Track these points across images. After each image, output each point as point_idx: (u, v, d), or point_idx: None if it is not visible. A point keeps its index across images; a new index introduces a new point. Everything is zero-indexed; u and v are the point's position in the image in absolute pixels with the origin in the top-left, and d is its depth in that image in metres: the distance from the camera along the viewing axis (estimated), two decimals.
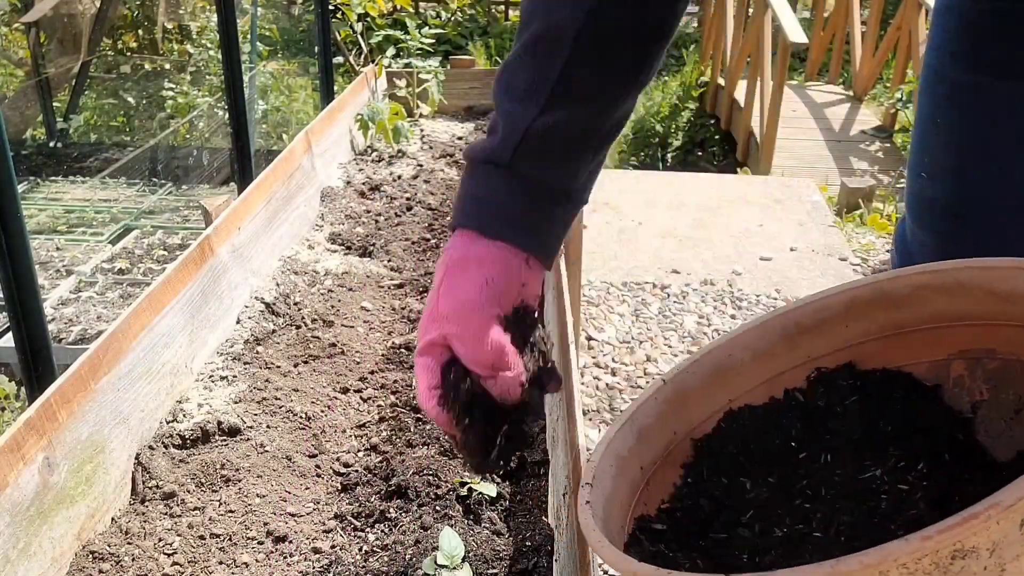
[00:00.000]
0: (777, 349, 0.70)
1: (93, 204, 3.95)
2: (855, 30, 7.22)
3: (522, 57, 0.81)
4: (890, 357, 0.69)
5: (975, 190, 0.91)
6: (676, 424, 0.69)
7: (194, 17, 6.14)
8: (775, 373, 0.70)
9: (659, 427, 0.68)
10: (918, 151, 0.98)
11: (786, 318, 0.70)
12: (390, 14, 6.27)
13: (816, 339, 0.68)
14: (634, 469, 0.66)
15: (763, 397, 0.70)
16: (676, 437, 0.69)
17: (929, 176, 0.95)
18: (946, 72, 0.92)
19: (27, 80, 5.47)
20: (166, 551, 1.19)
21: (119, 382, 1.32)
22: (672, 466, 0.68)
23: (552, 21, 0.78)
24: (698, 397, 0.70)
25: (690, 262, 3.54)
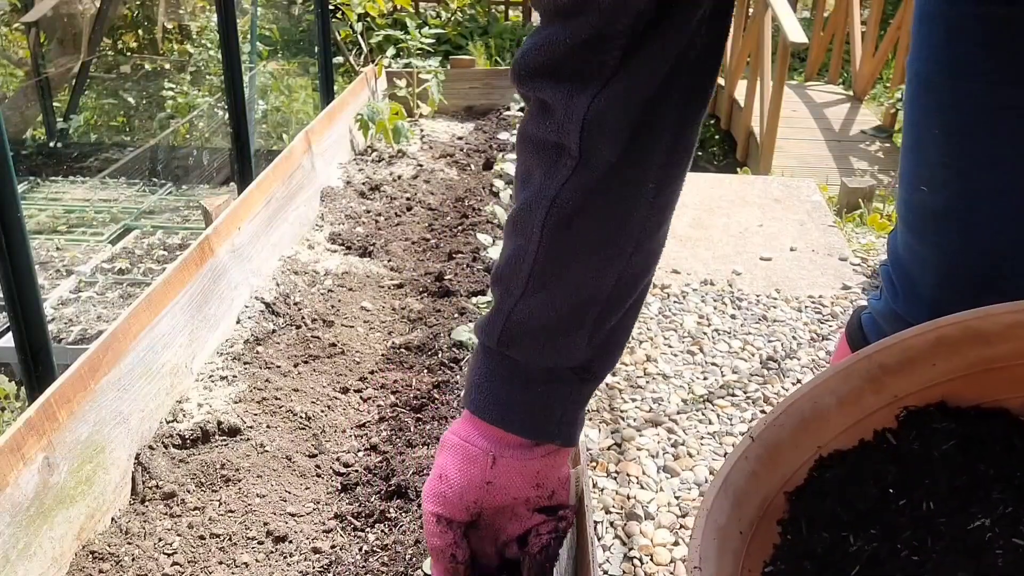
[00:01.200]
0: (862, 392, 0.69)
1: (93, 204, 3.95)
2: (855, 30, 7.22)
3: (506, 236, 0.82)
4: (982, 393, 0.68)
5: (982, 201, 0.89)
6: (769, 481, 0.68)
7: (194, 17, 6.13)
8: (863, 415, 0.69)
9: (753, 487, 0.67)
10: (913, 163, 0.95)
11: (870, 361, 0.69)
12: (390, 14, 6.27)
13: (902, 379, 0.67)
14: (735, 537, 0.65)
15: (852, 441, 0.69)
16: (770, 494, 0.68)
17: (930, 189, 0.92)
18: (936, 81, 0.90)
19: (27, 80, 5.47)
20: (166, 551, 1.19)
21: (119, 382, 1.32)
22: (769, 523, 0.67)
23: (526, 199, 0.78)
24: (787, 449, 0.69)
25: (690, 262, 3.54)
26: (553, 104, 0.75)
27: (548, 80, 0.75)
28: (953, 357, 0.68)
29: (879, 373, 0.69)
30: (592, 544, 0.93)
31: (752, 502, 0.66)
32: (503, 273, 0.82)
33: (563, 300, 0.80)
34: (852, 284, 3.31)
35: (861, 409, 0.69)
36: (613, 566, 1.72)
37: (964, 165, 0.89)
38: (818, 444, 0.69)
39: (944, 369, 0.68)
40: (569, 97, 0.74)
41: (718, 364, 2.72)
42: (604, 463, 2.13)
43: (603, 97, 0.73)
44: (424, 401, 1.55)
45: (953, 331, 0.67)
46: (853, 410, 0.69)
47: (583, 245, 0.78)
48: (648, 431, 2.31)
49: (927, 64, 0.91)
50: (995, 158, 0.87)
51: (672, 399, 2.50)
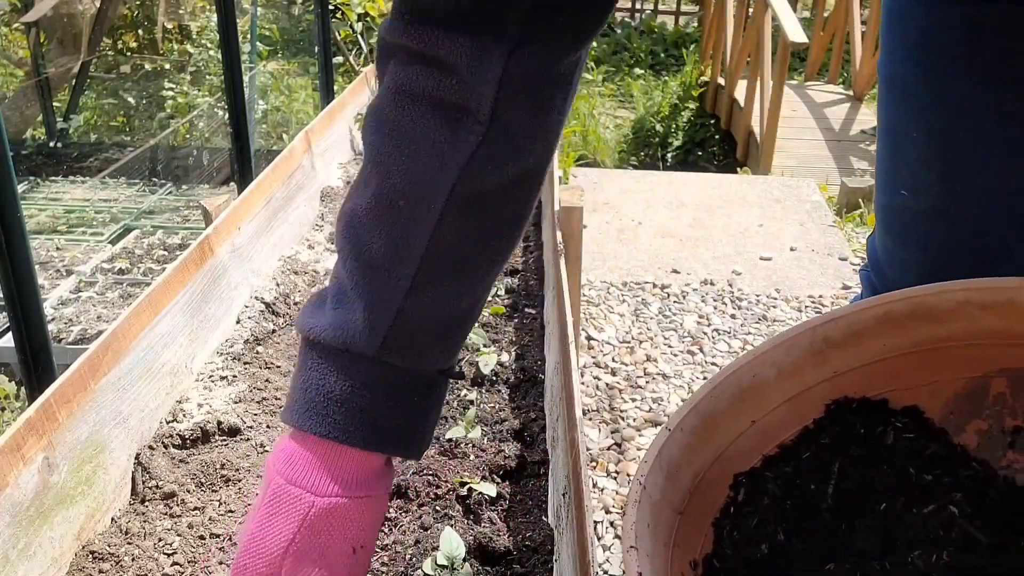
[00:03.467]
0: (804, 365, 0.67)
1: (93, 204, 3.95)
2: (855, 30, 7.22)
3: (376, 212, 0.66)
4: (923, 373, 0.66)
5: (966, 202, 0.87)
6: (703, 453, 0.65)
7: (194, 17, 6.13)
8: (802, 389, 0.67)
9: (686, 459, 0.64)
10: (892, 166, 0.94)
11: (814, 333, 0.67)
12: None
13: (845, 354, 0.65)
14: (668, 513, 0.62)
15: (788, 415, 0.68)
16: (704, 467, 0.65)
17: (912, 192, 0.91)
18: (913, 83, 0.89)
19: (27, 80, 5.47)
20: (166, 551, 1.19)
21: (119, 382, 1.32)
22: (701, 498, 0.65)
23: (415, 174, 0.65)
24: (723, 421, 0.66)
25: (690, 262, 3.54)
26: (454, 60, 0.62)
27: (449, 30, 0.62)
28: (899, 334, 0.66)
29: (823, 346, 0.66)
30: (592, 544, 0.93)
31: (685, 475, 0.64)
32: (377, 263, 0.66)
33: (466, 292, 0.69)
34: (852, 284, 3.31)
35: (800, 383, 0.67)
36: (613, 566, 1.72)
37: (947, 167, 0.88)
38: (754, 417, 0.67)
39: (889, 346, 0.66)
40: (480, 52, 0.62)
41: (718, 364, 2.72)
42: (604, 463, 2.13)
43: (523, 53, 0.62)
44: None
45: (902, 307, 0.65)
46: (792, 383, 0.67)
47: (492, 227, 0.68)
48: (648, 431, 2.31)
49: (903, 66, 0.90)
50: (979, 159, 0.86)
51: (672, 399, 2.50)
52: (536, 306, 1.92)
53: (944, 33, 0.85)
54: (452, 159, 0.64)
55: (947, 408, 0.67)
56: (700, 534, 0.64)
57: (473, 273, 0.68)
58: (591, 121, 6.33)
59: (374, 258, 0.66)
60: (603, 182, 4.46)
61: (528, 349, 1.74)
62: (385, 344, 0.67)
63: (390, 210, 0.66)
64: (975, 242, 0.88)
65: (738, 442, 0.66)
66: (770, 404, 0.67)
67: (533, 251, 2.24)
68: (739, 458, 0.67)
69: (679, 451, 0.63)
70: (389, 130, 0.66)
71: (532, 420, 1.47)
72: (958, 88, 0.85)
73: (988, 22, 0.81)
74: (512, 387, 1.61)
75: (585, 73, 4.98)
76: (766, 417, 0.67)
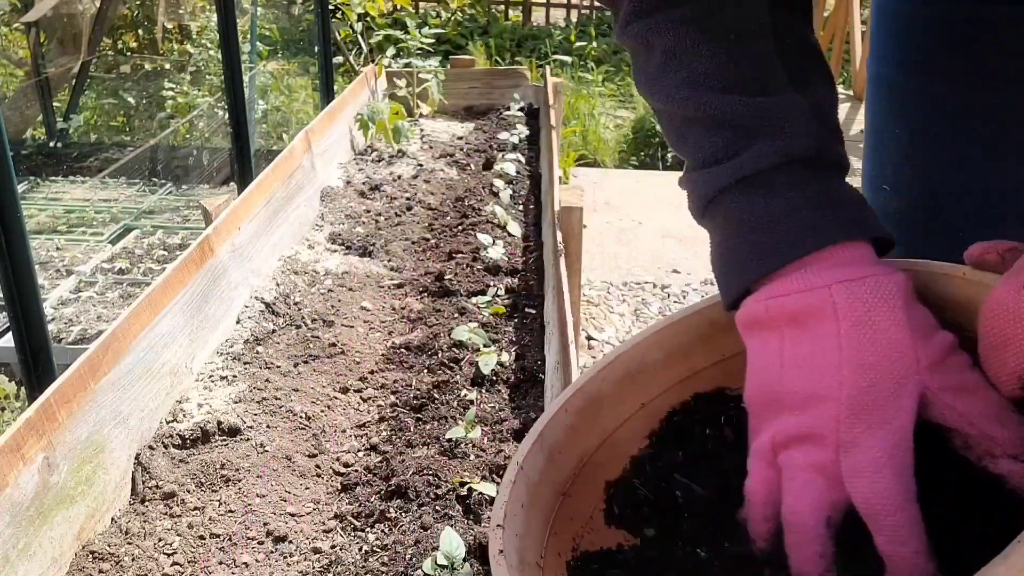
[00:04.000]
0: (691, 349, 0.67)
1: (93, 204, 3.95)
2: (855, 30, 7.22)
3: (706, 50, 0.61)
4: None
5: (945, 200, 0.88)
6: (588, 435, 0.64)
7: (194, 17, 6.13)
8: (690, 373, 0.67)
9: (571, 441, 0.63)
10: (876, 164, 0.95)
11: (700, 316, 0.66)
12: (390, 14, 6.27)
13: (731, 337, 0.63)
14: (547, 494, 0.60)
15: (677, 398, 0.67)
16: (589, 450, 0.64)
17: (894, 189, 0.92)
18: (898, 82, 0.89)
19: (27, 80, 5.47)
20: (166, 551, 1.19)
21: (119, 382, 1.32)
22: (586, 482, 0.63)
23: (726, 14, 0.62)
24: (610, 404, 0.65)
25: (690, 262, 3.53)
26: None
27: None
28: None
29: (710, 330, 0.66)
30: None
31: (569, 458, 0.63)
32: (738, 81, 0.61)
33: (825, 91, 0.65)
34: None
35: (689, 367, 0.67)
36: None
37: (926, 165, 0.89)
38: (643, 400, 0.66)
39: None
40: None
41: None
42: None
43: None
44: (424, 401, 1.55)
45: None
46: (680, 367, 0.67)
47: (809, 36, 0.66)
48: None
49: (889, 64, 0.91)
50: (959, 158, 0.86)
51: None
52: (536, 306, 1.92)
53: (926, 32, 0.86)
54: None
55: None
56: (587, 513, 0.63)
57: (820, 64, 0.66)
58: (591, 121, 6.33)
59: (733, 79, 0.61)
60: (603, 182, 4.46)
61: (528, 349, 1.74)
62: (827, 140, 0.62)
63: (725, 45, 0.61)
64: (951, 241, 0.89)
65: (627, 424, 0.66)
66: (659, 387, 0.67)
67: (533, 251, 2.24)
68: (629, 441, 0.66)
69: (563, 432, 0.62)
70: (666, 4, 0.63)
71: (532, 420, 1.47)
72: (940, 89, 0.86)
73: (968, 23, 0.82)
74: (512, 387, 1.61)
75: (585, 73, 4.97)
76: (655, 400, 0.66)
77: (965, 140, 0.85)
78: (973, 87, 0.83)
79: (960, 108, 0.85)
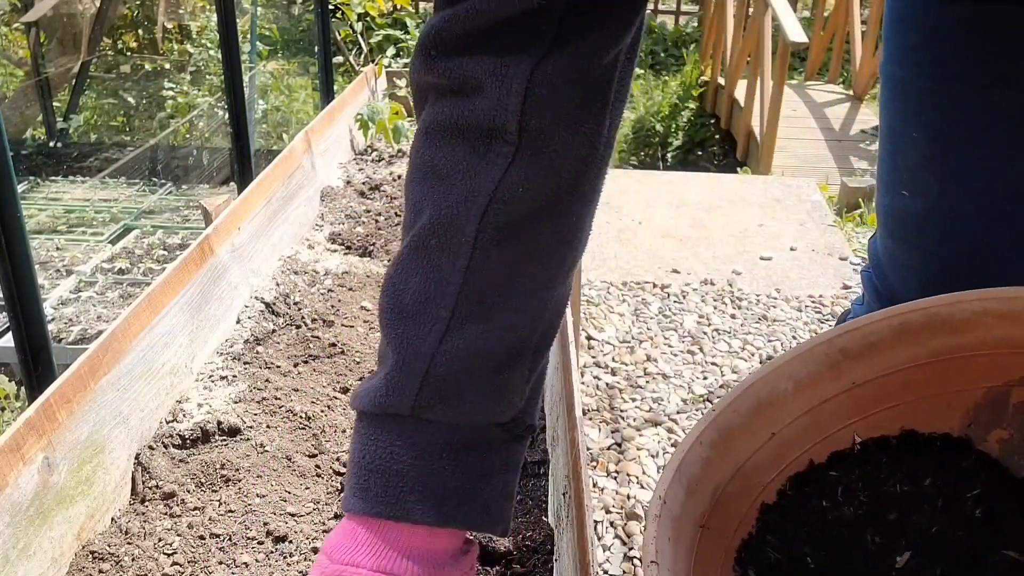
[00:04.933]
0: (821, 377, 0.66)
1: (93, 204, 3.95)
2: (855, 30, 7.22)
3: (410, 260, 0.61)
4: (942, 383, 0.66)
5: (963, 203, 0.88)
6: (722, 467, 0.64)
7: (194, 17, 6.13)
8: (819, 401, 0.67)
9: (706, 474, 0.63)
10: (892, 167, 0.94)
11: (831, 345, 0.66)
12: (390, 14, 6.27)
13: (862, 365, 0.65)
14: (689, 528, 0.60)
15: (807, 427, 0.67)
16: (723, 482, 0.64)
17: (911, 192, 0.91)
18: (913, 84, 0.89)
19: (27, 80, 5.47)
20: (166, 551, 1.19)
21: (119, 382, 1.32)
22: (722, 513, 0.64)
23: (446, 207, 0.59)
24: (741, 435, 0.65)
25: (690, 262, 3.54)
26: (479, 81, 0.59)
27: (472, 56, 0.59)
28: (915, 345, 0.65)
29: (839, 358, 0.66)
30: (592, 544, 0.93)
31: (705, 490, 0.63)
32: (409, 310, 0.60)
33: (505, 330, 0.61)
34: (852, 283, 3.31)
35: (818, 395, 0.67)
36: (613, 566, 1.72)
37: (945, 168, 0.88)
38: (773, 430, 0.66)
39: (905, 357, 0.66)
40: (503, 69, 0.58)
41: (718, 364, 2.72)
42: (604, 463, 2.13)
43: (549, 63, 0.58)
44: None
45: (918, 317, 0.65)
46: (810, 395, 0.67)
47: (531, 254, 0.62)
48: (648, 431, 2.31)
49: (903, 67, 0.90)
50: (975, 161, 0.86)
51: (672, 399, 2.50)
52: None
53: (943, 34, 0.85)
54: (482, 184, 0.59)
55: (967, 418, 0.66)
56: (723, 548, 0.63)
57: (517, 307, 0.62)
58: None
59: (407, 305, 0.61)
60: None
61: None
62: (420, 396, 0.60)
63: (423, 251, 0.60)
64: (970, 244, 0.88)
65: (758, 455, 0.65)
66: (789, 416, 0.66)
67: None
68: (759, 471, 0.66)
69: (699, 465, 0.62)
70: (423, 172, 0.62)
71: None
72: (956, 90, 0.85)
73: (986, 24, 0.82)
74: None
75: None
76: (785, 430, 0.66)
77: (984, 142, 0.85)
78: (990, 89, 0.83)
79: (977, 110, 0.84)
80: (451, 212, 0.59)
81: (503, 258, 0.60)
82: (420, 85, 0.63)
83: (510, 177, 0.59)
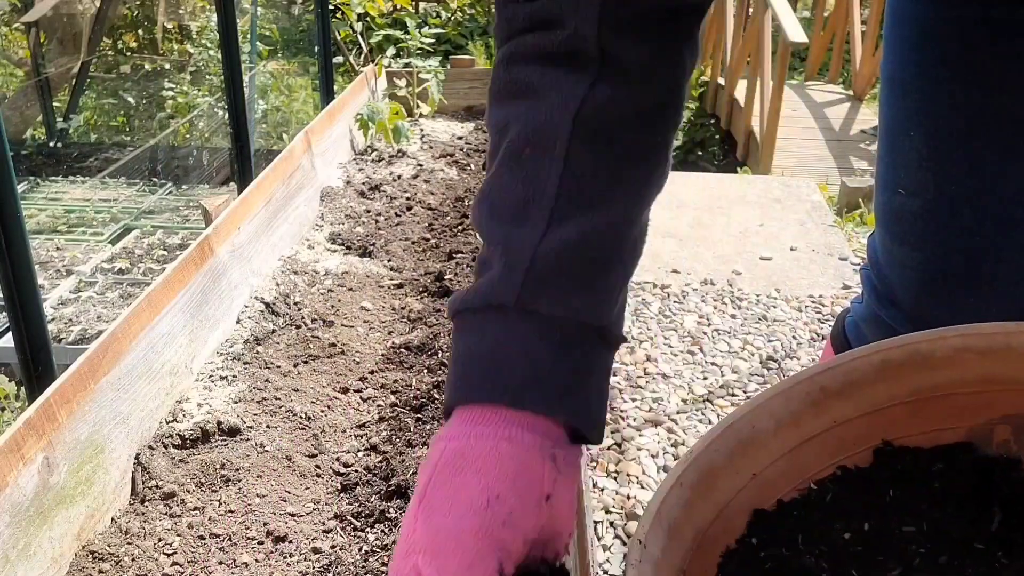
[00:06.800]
0: (802, 416, 0.65)
1: (93, 204, 3.95)
2: (855, 30, 7.22)
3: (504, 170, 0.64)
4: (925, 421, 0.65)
5: (961, 204, 0.88)
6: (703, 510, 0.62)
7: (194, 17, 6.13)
8: (801, 441, 0.66)
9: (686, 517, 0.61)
10: (891, 166, 0.94)
11: (811, 383, 0.65)
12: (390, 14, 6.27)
13: (843, 403, 0.64)
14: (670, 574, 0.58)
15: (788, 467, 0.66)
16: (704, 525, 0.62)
17: (909, 192, 0.91)
18: (912, 84, 0.89)
19: (27, 80, 5.47)
20: (166, 551, 1.19)
21: (119, 382, 1.32)
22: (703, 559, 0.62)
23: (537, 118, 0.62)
24: (723, 475, 0.63)
25: (690, 262, 3.53)
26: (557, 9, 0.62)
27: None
28: (897, 382, 0.65)
29: (820, 396, 0.65)
30: (592, 544, 0.92)
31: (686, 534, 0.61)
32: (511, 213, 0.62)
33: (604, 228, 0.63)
34: (852, 284, 3.31)
35: (800, 433, 0.66)
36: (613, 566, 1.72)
37: (943, 168, 0.88)
38: (754, 470, 0.64)
39: (887, 395, 0.65)
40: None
41: (718, 364, 2.72)
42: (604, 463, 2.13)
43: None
44: (424, 401, 1.55)
45: (898, 354, 0.64)
46: (791, 434, 0.65)
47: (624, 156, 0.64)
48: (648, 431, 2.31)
49: (902, 67, 0.90)
50: (974, 160, 0.86)
51: (672, 399, 2.50)
52: None
53: (942, 36, 0.85)
54: (570, 98, 0.62)
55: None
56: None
57: (612, 207, 0.63)
58: None
59: (508, 210, 0.62)
60: None
61: None
62: (525, 287, 0.60)
63: (517, 161, 0.63)
64: (967, 244, 0.89)
65: (740, 496, 0.64)
66: (770, 456, 0.65)
67: None
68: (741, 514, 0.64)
69: (680, 508, 0.60)
70: (505, 95, 0.65)
71: None
72: (954, 91, 0.85)
73: (986, 24, 0.82)
74: None
75: None
76: (767, 470, 0.65)
77: (981, 143, 0.85)
78: (990, 90, 0.83)
79: (976, 111, 0.85)
80: (543, 121, 0.62)
81: (597, 159, 0.63)
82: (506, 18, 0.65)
83: (595, 93, 0.62)
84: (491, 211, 0.64)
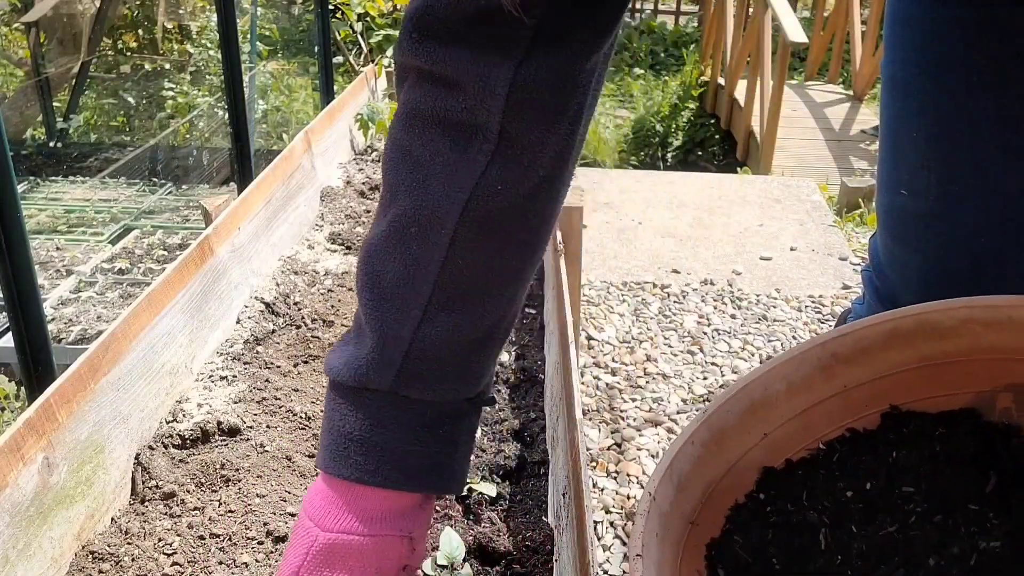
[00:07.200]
0: (813, 380, 0.68)
1: (93, 204, 3.95)
2: (855, 30, 7.22)
3: (390, 244, 0.64)
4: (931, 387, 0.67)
5: (963, 203, 0.88)
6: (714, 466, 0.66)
7: (194, 17, 6.14)
8: (810, 404, 0.69)
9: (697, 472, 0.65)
10: (893, 167, 0.95)
11: (823, 349, 0.68)
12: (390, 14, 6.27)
13: (853, 369, 0.66)
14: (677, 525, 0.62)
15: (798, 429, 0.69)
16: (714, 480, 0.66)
17: (910, 192, 0.92)
18: (914, 84, 0.89)
19: (27, 80, 5.47)
20: (166, 551, 1.19)
21: (119, 382, 1.32)
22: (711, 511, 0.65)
23: (427, 198, 0.62)
24: (734, 435, 0.67)
25: (690, 262, 3.54)
26: (461, 77, 0.60)
27: (454, 47, 0.60)
28: (906, 349, 0.67)
29: (831, 362, 0.68)
30: (592, 544, 0.93)
31: (696, 487, 0.64)
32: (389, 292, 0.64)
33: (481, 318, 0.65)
34: (852, 284, 3.31)
35: (809, 398, 0.69)
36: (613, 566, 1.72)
37: (945, 168, 0.89)
38: (765, 431, 0.68)
39: (896, 361, 0.68)
40: (486, 68, 0.60)
41: (718, 364, 2.72)
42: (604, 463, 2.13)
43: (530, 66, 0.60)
44: None
45: (908, 323, 0.67)
46: (802, 398, 0.69)
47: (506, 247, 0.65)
48: (648, 431, 2.31)
49: (904, 67, 0.91)
50: (975, 162, 0.86)
51: (672, 399, 2.50)
52: (536, 306, 1.92)
53: (943, 36, 0.85)
54: (462, 180, 0.62)
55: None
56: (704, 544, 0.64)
57: (490, 296, 0.66)
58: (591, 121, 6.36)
59: (387, 288, 0.64)
60: (603, 182, 4.46)
61: (528, 349, 1.74)
62: (400, 377, 0.64)
63: (403, 238, 0.63)
64: (970, 244, 0.89)
65: (749, 454, 0.67)
66: (781, 417, 0.68)
67: None
68: (752, 470, 0.67)
69: (690, 464, 0.64)
70: (402, 156, 0.65)
71: (532, 420, 1.47)
72: (956, 91, 0.85)
73: (986, 24, 0.82)
74: (512, 387, 1.61)
75: None
76: (777, 430, 0.68)
77: (983, 143, 0.85)
78: (990, 89, 0.83)
79: (977, 110, 0.85)
80: (431, 204, 0.62)
81: (479, 251, 0.64)
82: (402, 65, 0.65)
83: (489, 175, 0.62)
84: (371, 283, 0.66)
